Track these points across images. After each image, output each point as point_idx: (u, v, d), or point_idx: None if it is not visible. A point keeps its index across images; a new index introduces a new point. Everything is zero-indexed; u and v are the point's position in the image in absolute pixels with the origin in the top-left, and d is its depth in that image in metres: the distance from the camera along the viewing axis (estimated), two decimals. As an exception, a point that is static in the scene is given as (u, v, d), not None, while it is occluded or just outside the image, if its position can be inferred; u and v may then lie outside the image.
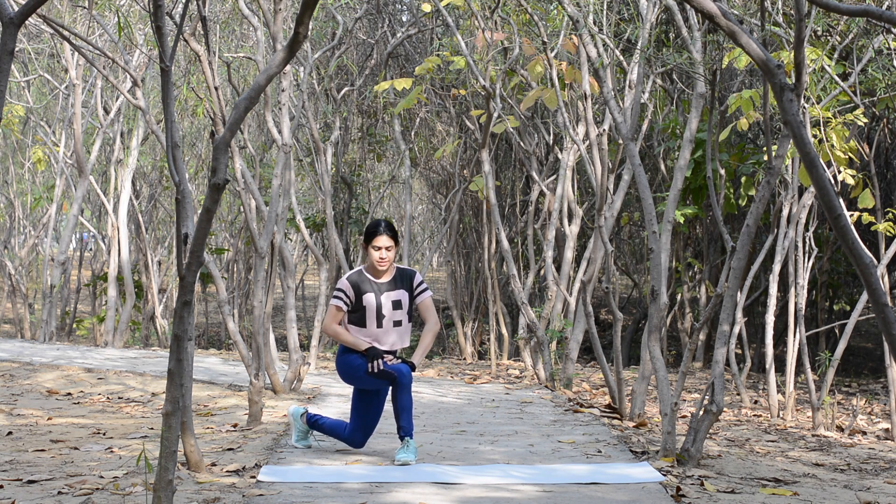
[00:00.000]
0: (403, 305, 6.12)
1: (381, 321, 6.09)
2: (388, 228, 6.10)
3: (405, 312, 6.13)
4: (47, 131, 16.02)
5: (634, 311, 18.67)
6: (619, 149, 9.87)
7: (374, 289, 6.10)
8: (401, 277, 6.17)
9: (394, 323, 6.10)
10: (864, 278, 3.54)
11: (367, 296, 6.08)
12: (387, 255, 6.07)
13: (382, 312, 6.08)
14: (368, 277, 6.13)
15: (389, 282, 6.15)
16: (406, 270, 6.22)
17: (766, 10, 8.02)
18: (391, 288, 6.13)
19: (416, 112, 15.99)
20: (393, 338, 6.11)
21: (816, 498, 5.10)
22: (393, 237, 6.09)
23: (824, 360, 9.18)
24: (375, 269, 6.11)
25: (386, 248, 6.07)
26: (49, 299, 14.56)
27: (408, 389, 5.96)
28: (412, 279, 6.19)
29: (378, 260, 6.07)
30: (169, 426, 3.90)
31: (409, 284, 6.16)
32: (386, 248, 6.07)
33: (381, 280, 6.14)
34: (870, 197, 9.68)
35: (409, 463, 5.80)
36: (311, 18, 4.97)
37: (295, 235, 18.94)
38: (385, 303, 6.08)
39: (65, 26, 6.93)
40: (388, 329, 6.10)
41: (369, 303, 6.07)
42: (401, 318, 6.11)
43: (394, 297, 6.11)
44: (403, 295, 6.13)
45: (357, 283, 6.12)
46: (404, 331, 6.15)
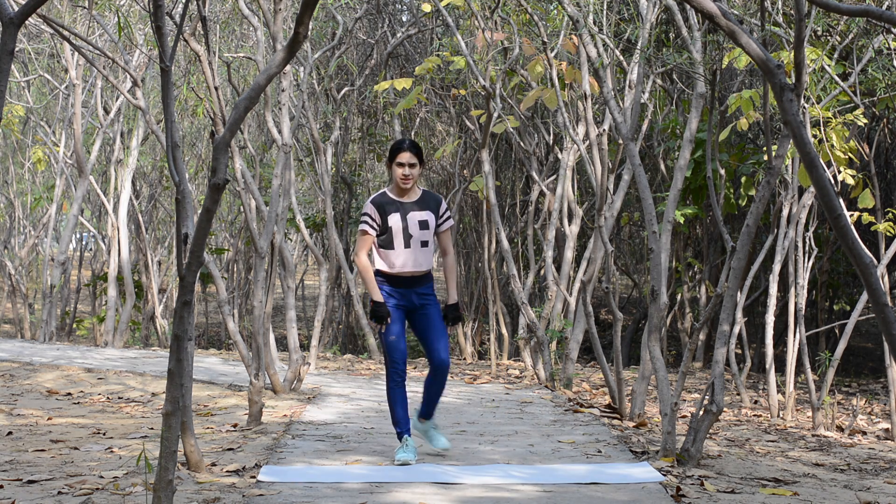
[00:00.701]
0: (430, 226, 6.02)
1: (408, 241, 5.98)
2: (412, 145, 5.99)
3: (431, 234, 6.03)
4: (47, 131, 16.02)
5: (634, 311, 18.67)
6: (619, 149, 9.87)
7: (399, 209, 6.01)
8: (427, 199, 6.07)
9: (421, 243, 6.00)
10: (864, 278, 3.54)
11: (392, 216, 5.99)
12: (410, 172, 5.95)
13: (409, 232, 5.98)
14: (393, 198, 6.04)
15: (415, 202, 6.04)
16: (433, 194, 6.13)
17: (766, 10, 8.02)
18: (417, 208, 6.03)
19: (416, 112, 15.99)
20: (420, 258, 6.01)
21: (816, 498, 5.10)
22: (417, 154, 5.98)
23: (824, 360, 9.18)
24: (399, 187, 6.00)
25: (409, 164, 5.96)
26: (49, 299, 14.56)
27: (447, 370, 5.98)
28: (439, 204, 6.09)
29: (402, 177, 5.96)
30: (169, 426, 3.90)
31: (435, 208, 6.06)
32: (409, 164, 5.96)
33: (406, 199, 6.03)
34: (870, 197, 9.67)
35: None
36: (311, 18, 4.97)
37: (295, 235, 18.93)
38: (412, 222, 5.99)
39: (65, 26, 6.93)
40: (415, 249, 5.99)
41: (395, 223, 5.98)
42: (427, 238, 6.01)
43: (420, 217, 6.01)
44: (430, 216, 6.03)
45: (381, 203, 6.03)
46: (430, 251, 6.06)
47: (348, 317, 17.19)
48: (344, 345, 16.77)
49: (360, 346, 16.35)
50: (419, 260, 6.01)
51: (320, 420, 7.59)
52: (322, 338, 15.58)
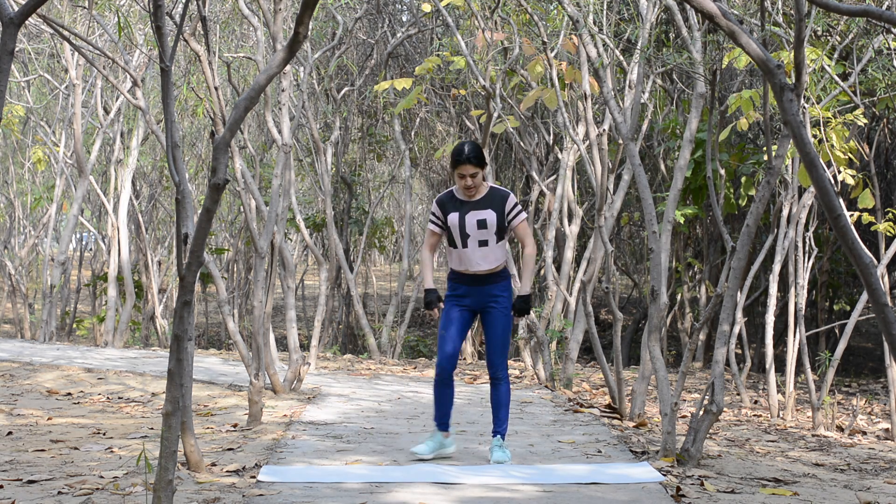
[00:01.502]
0: (489, 225, 5.97)
1: (465, 241, 5.98)
2: (472, 155, 5.95)
3: (492, 233, 5.98)
4: (47, 131, 16.02)
5: (634, 311, 18.67)
6: (619, 149, 9.87)
7: (459, 208, 6.01)
8: (492, 197, 6.03)
9: (479, 243, 5.97)
10: (864, 278, 3.54)
11: (451, 215, 6.02)
12: (472, 183, 5.96)
13: (466, 231, 5.98)
14: (457, 196, 6.06)
15: (478, 200, 6.02)
16: (500, 191, 6.08)
17: (766, 10, 8.02)
18: (479, 207, 6.00)
19: (416, 112, 16.00)
20: (479, 258, 6.00)
21: (816, 498, 5.10)
22: (478, 163, 5.95)
23: (824, 360, 9.18)
24: (465, 193, 6.03)
25: (471, 175, 5.96)
26: (49, 299, 14.56)
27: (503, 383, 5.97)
28: (505, 200, 6.03)
29: (465, 188, 5.98)
30: (169, 426, 3.90)
31: (500, 205, 6.01)
32: (471, 175, 5.96)
33: (469, 198, 6.03)
34: (870, 197, 9.68)
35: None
36: (311, 18, 4.97)
37: (295, 235, 18.94)
38: (469, 222, 5.98)
39: (65, 26, 6.93)
40: (473, 249, 5.98)
41: (452, 222, 6.00)
42: (486, 237, 5.97)
43: (479, 217, 5.98)
44: (490, 214, 5.98)
45: (444, 202, 6.08)
46: (491, 251, 6.00)
47: (348, 317, 17.19)
48: (344, 345, 16.77)
49: (360, 346, 16.35)
50: (478, 260, 6.00)
51: (320, 420, 7.59)
52: (322, 338, 15.58)
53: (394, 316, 15.33)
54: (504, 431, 6.07)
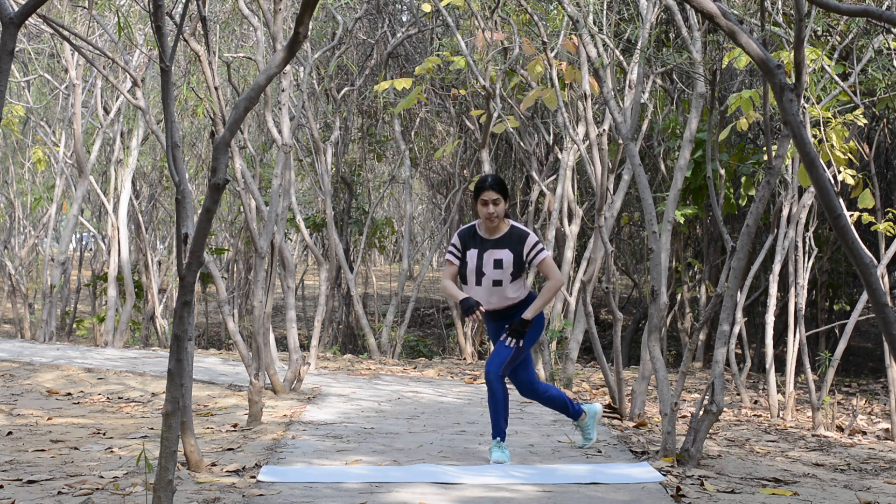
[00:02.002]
0: (505, 265, 5.99)
1: (480, 279, 6.01)
2: (495, 182, 6.00)
3: (507, 273, 5.99)
4: (47, 131, 16.02)
5: (634, 311, 18.67)
6: (619, 149, 9.87)
7: (478, 245, 6.05)
8: (511, 237, 6.05)
9: (493, 282, 6.00)
10: (864, 278, 3.54)
11: (470, 252, 6.05)
12: (494, 210, 5.97)
13: (483, 270, 6.00)
14: (479, 233, 6.09)
15: (498, 239, 6.05)
16: (520, 230, 6.09)
17: (766, 10, 8.02)
18: (497, 246, 6.03)
19: (416, 112, 16.00)
20: (491, 297, 6.02)
21: (816, 498, 5.10)
22: (501, 191, 5.98)
23: (824, 360, 9.18)
24: (486, 225, 6.05)
25: (493, 201, 5.97)
26: (49, 299, 14.56)
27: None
28: (524, 240, 6.04)
29: (486, 215, 5.99)
30: (169, 426, 3.90)
31: (518, 245, 6.02)
32: (493, 201, 5.97)
33: (490, 236, 6.06)
34: (870, 197, 9.67)
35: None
36: (311, 18, 4.96)
37: (295, 235, 18.94)
38: (487, 260, 6.00)
39: (65, 26, 6.93)
40: (486, 287, 6.01)
41: (470, 260, 6.03)
42: (501, 277, 5.99)
43: (496, 256, 6.00)
44: (507, 255, 6.00)
45: (466, 236, 6.11)
46: (504, 291, 6.01)
47: (348, 317, 17.19)
48: (344, 345, 16.77)
49: (360, 346, 16.36)
50: (492, 299, 6.04)
51: (320, 420, 7.59)
52: (322, 338, 15.59)
53: (394, 316, 15.33)
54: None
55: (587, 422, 6.48)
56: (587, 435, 6.49)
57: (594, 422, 6.52)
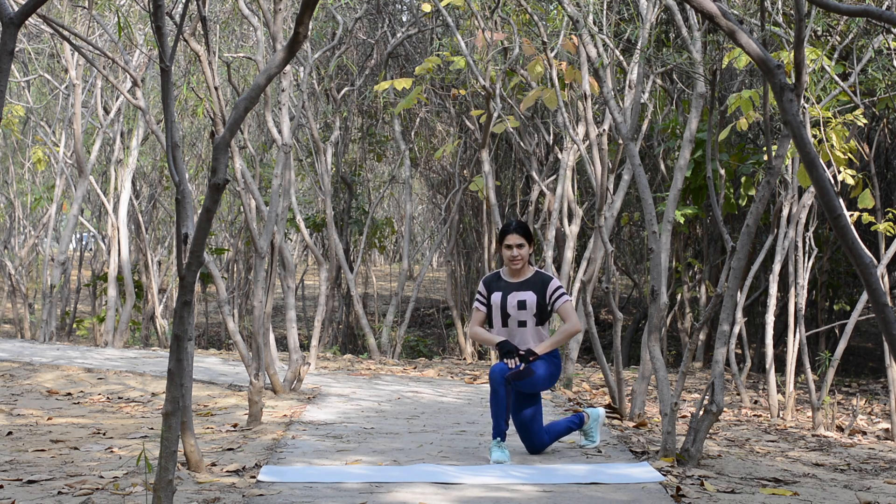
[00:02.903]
0: (529, 307, 6.14)
1: (505, 320, 6.16)
2: (519, 227, 6.19)
3: (531, 314, 6.14)
4: (47, 131, 16.02)
5: (634, 311, 18.67)
6: (619, 149, 9.87)
7: (503, 288, 6.20)
8: (534, 280, 6.22)
9: (518, 323, 6.15)
10: (864, 278, 3.54)
11: (494, 295, 6.21)
12: (518, 253, 6.15)
13: (507, 311, 6.15)
14: (503, 277, 6.26)
15: (522, 282, 6.22)
16: (543, 275, 6.25)
17: (766, 10, 8.02)
18: (520, 288, 6.19)
19: (416, 112, 16.00)
20: (517, 338, 6.15)
21: (816, 498, 5.10)
22: (525, 235, 6.17)
23: (824, 360, 9.18)
24: (510, 268, 6.22)
25: (517, 245, 6.15)
26: (49, 299, 14.56)
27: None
28: (546, 284, 6.20)
29: (510, 258, 6.17)
30: (169, 426, 3.90)
31: (541, 288, 6.18)
32: (517, 245, 6.15)
33: (514, 279, 6.22)
34: (870, 197, 9.68)
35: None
36: (311, 18, 4.96)
37: (295, 235, 18.94)
38: (511, 302, 6.15)
39: (65, 26, 6.93)
40: (512, 329, 6.16)
41: (495, 301, 6.18)
42: (525, 318, 6.14)
43: (520, 297, 6.15)
44: (531, 297, 6.16)
45: (490, 281, 6.29)
46: (530, 333, 6.16)
47: (348, 317, 17.20)
48: (344, 345, 16.77)
49: (360, 346, 16.36)
50: (517, 339, 6.16)
51: (320, 420, 7.59)
52: (322, 338, 15.59)
53: (394, 316, 15.33)
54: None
55: (590, 424, 6.56)
56: (591, 438, 6.57)
57: (597, 425, 6.58)
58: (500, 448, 5.98)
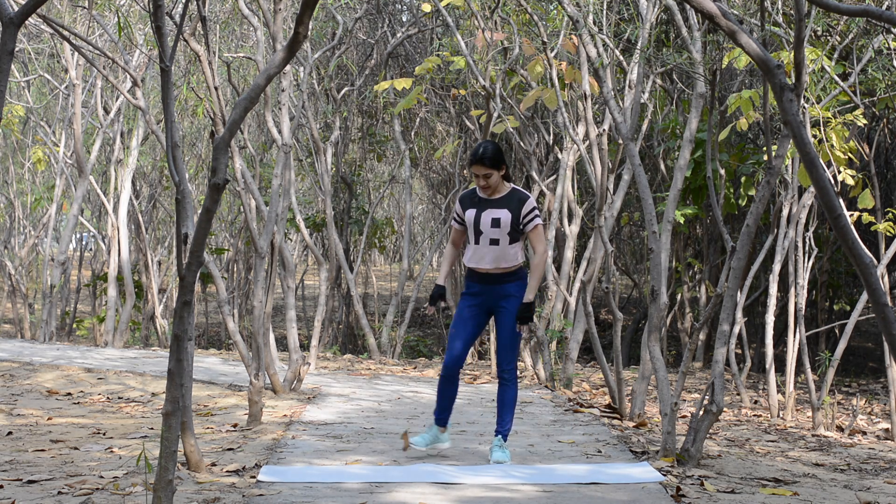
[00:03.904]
0: (503, 225, 5.98)
1: (478, 237, 6.03)
2: (485, 157, 5.95)
3: (504, 233, 5.99)
4: (47, 131, 16.02)
5: (634, 311, 18.67)
6: (619, 149, 9.87)
7: (477, 205, 6.07)
8: (510, 198, 6.05)
9: (490, 241, 5.99)
10: (864, 278, 3.54)
11: (468, 211, 6.09)
12: (486, 182, 5.99)
13: (480, 228, 6.01)
14: (477, 194, 6.11)
15: (497, 199, 6.05)
16: (519, 193, 6.08)
17: (766, 10, 8.02)
18: (495, 206, 6.03)
19: (416, 112, 16.00)
20: (490, 256, 6.01)
21: (816, 498, 5.10)
22: (493, 165, 5.95)
23: (824, 360, 9.18)
24: (483, 191, 6.08)
25: (483, 175, 5.98)
26: (49, 299, 14.56)
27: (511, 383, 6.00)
28: (522, 203, 6.03)
29: (480, 187, 6.04)
30: (169, 426, 3.90)
31: (516, 206, 6.01)
32: (483, 175, 5.98)
33: (488, 196, 6.06)
34: (870, 197, 9.68)
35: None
36: (311, 18, 4.96)
37: (295, 235, 18.94)
38: (484, 219, 6.01)
39: (65, 26, 6.93)
40: (484, 246, 6.01)
41: (469, 219, 6.07)
42: (498, 236, 5.99)
43: (494, 215, 6.00)
44: (505, 214, 5.99)
45: (466, 198, 6.16)
46: (502, 251, 6.00)
47: (348, 317, 17.19)
48: (344, 345, 16.77)
49: (360, 346, 16.36)
50: (488, 258, 6.02)
51: (320, 420, 7.59)
52: (322, 338, 15.59)
53: (394, 316, 15.33)
54: (507, 432, 6.08)
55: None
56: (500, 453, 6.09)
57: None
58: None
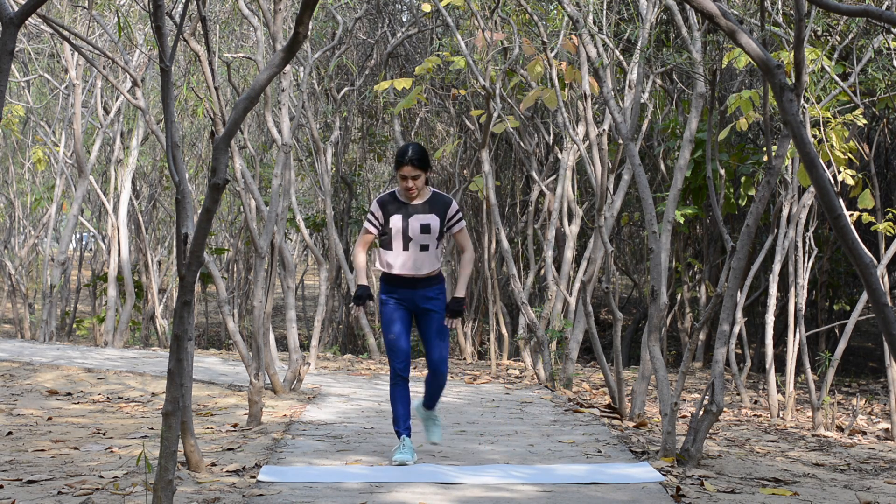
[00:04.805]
0: (432, 230, 5.96)
1: (407, 244, 5.95)
2: (414, 158, 5.89)
3: (434, 238, 5.96)
4: (47, 131, 16.02)
5: (634, 311, 18.67)
6: (619, 149, 9.87)
7: (402, 210, 5.98)
8: (434, 202, 6.01)
9: (420, 247, 5.95)
10: (864, 278, 3.54)
11: (394, 217, 5.96)
12: (413, 185, 5.91)
13: (409, 235, 5.95)
14: (400, 199, 6.01)
15: (422, 204, 5.99)
16: (442, 196, 6.06)
17: (766, 10, 8.02)
18: (422, 211, 5.98)
19: (416, 112, 15.99)
20: (419, 262, 5.97)
21: (816, 498, 5.10)
22: (421, 166, 5.89)
23: (824, 360, 9.18)
24: (406, 194, 5.99)
25: (412, 177, 5.90)
26: (49, 299, 14.56)
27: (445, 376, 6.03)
28: (447, 206, 6.01)
29: (405, 188, 5.94)
30: (169, 426, 3.90)
31: (442, 210, 5.99)
32: (412, 177, 5.90)
33: (412, 201, 6.00)
34: (870, 197, 9.68)
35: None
36: (311, 18, 4.97)
37: (295, 235, 18.94)
38: (413, 225, 5.94)
39: (65, 26, 6.93)
40: (414, 252, 5.96)
41: (395, 224, 5.95)
42: (428, 242, 5.95)
43: (423, 221, 5.95)
44: (434, 219, 5.96)
45: (386, 203, 6.01)
46: (432, 255, 5.98)
47: (348, 317, 17.19)
48: (344, 345, 16.77)
49: (360, 346, 16.35)
50: (418, 263, 5.97)
51: (320, 420, 7.59)
52: (322, 338, 15.58)
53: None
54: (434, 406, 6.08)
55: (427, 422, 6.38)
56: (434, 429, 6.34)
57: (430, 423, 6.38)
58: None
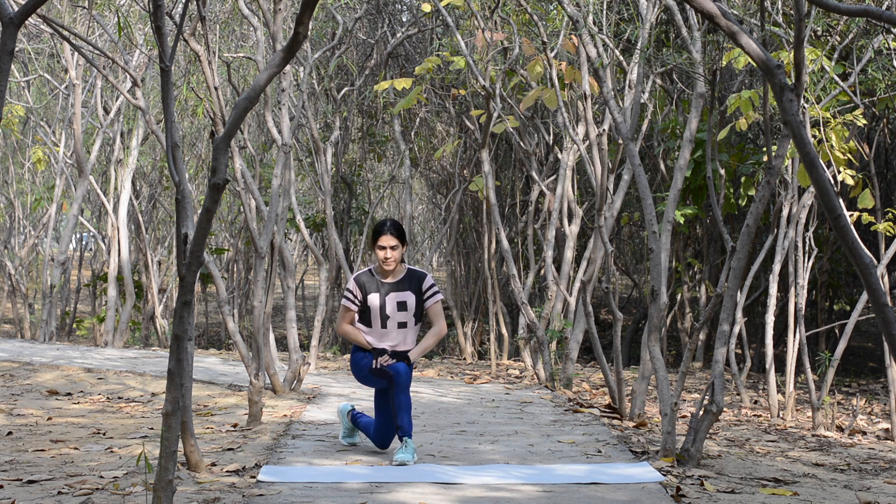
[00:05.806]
0: (409, 307, 6.09)
1: (384, 322, 6.08)
2: (392, 228, 6.07)
3: (410, 315, 6.10)
4: (47, 131, 16.02)
5: (634, 311, 18.67)
6: (619, 149, 9.87)
7: (379, 289, 6.10)
8: (410, 279, 6.14)
9: (398, 324, 6.08)
10: (864, 278, 3.54)
11: (371, 296, 6.09)
12: (391, 255, 6.04)
13: (386, 313, 6.07)
14: (376, 277, 6.13)
15: (397, 282, 6.12)
16: (417, 272, 6.18)
17: (766, 10, 8.02)
18: (398, 289, 6.10)
19: (416, 112, 15.99)
20: (398, 339, 6.11)
21: (816, 498, 5.10)
22: (398, 237, 6.06)
23: (824, 360, 9.18)
24: (382, 268, 6.10)
25: (391, 247, 6.04)
26: (49, 299, 14.56)
27: (405, 389, 5.97)
28: (421, 282, 6.14)
29: (383, 259, 6.06)
30: (169, 426, 3.90)
31: (417, 287, 6.12)
32: (391, 247, 6.04)
33: (388, 280, 6.12)
34: (869, 197, 9.68)
35: (406, 463, 5.79)
36: (311, 18, 4.97)
37: (295, 235, 18.93)
38: (389, 303, 6.07)
39: (65, 26, 6.93)
40: (391, 330, 6.09)
41: (373, 303, 6.08)
42: (405, 319, 6.09)
43: (399, 299, 6.08)
44: (409, 297, 6.10)
45: (364, 282, 6.13)
46: (410, 332, 6.13)
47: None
48: (344, 345, 16.76)
49: (360, 346, 16.33)
50: (396, 340, 6.10)
51: (320, 420, 7.59)
52: (322, 338, 15.58)
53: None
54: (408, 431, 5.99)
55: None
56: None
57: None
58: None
